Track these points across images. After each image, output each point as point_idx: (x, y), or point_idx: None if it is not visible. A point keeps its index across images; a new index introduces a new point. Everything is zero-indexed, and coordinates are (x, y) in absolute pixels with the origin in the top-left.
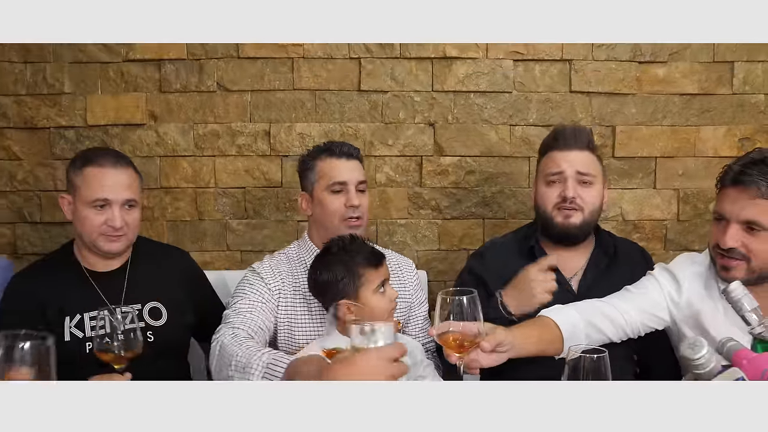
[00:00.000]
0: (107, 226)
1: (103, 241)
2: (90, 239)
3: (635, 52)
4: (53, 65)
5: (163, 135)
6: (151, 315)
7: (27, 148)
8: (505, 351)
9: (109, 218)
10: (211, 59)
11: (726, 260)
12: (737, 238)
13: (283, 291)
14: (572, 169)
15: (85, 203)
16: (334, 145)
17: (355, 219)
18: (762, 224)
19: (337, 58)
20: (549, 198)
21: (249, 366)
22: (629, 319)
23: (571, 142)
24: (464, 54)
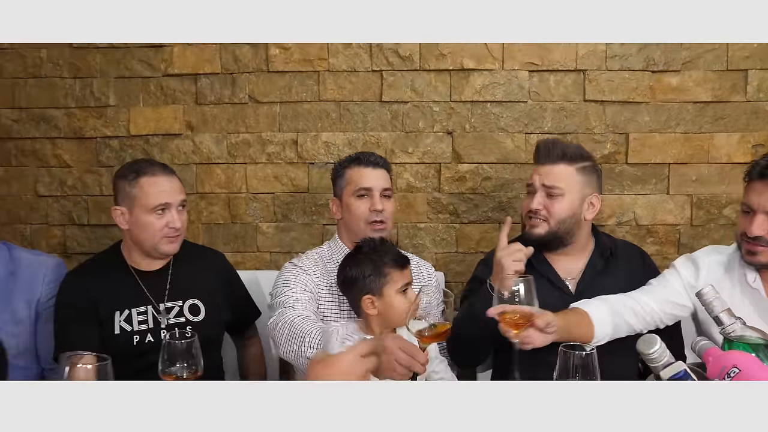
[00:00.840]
0: (168, 228)
1: (165, 244)
2: (152, 243)
3: (648, 62)
4: (99, 80)
5: (199, 144)
6: (190, 311)
7: (76, 156)
8: (552, 332)
9: (170, 221)
10: (243, 73)
11: (752, 245)
12: (764, 227)
13: (319, 285)
14: (540, 182)
15: (146, 210)
16: (362, 155)
17: (378, 223)
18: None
19: (359, 70)
20: (525, 208)
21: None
22: (649, 310)
23: (543, 157)
24: (481, 65)
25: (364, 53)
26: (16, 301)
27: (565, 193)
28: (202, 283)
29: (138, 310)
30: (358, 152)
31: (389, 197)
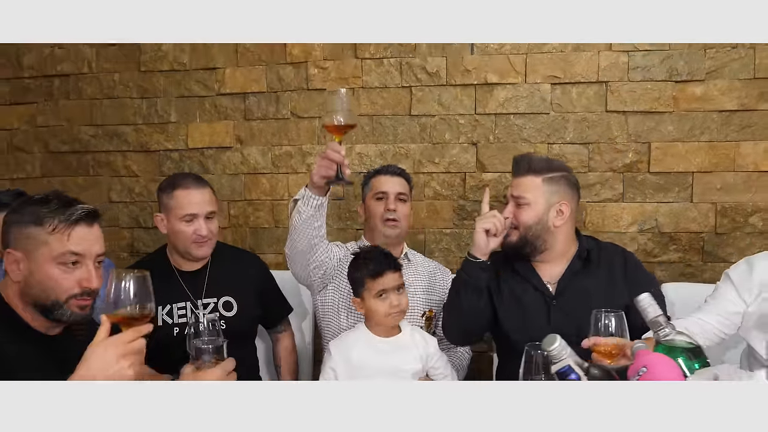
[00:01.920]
0: (196, 235)
1: (194, 248)
2: (184, 247)
3: (671, 72)
4: (162, 99)
5: (247, 156)
6: (224, 307)
7: (142, 167)
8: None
9: (197, 228)
10: (286, 91)
11: None
12: None
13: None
14: (510, 193)
15: (178, 218)
16: (385, 167)
17: (392, 221)
18: None
19: (390, 87)
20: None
21: None
22: (708, 327)
23: (515, 170)
24: (504, 80)
25: (394, 70)
26: None
27: (530, 202)
28: (236, 282)
29: (178, 305)
30: (382, 165)
31: (404, 201)
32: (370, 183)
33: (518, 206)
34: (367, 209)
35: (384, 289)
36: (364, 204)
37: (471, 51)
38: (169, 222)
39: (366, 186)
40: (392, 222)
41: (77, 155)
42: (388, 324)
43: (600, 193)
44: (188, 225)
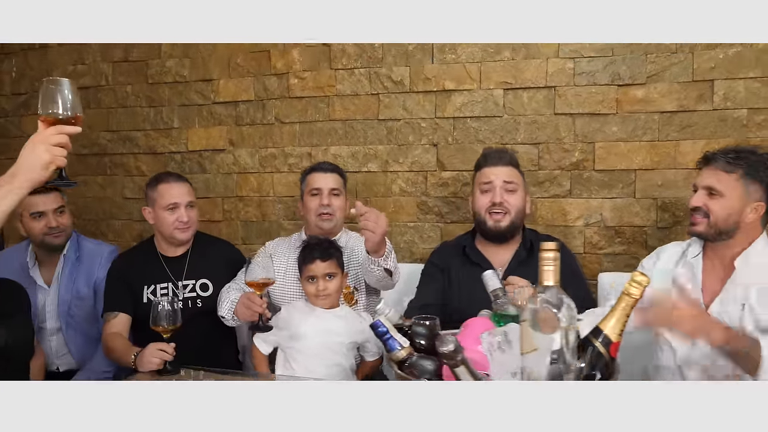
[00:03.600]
0: (178, 222)
1: (178, 233)
2: (169, 233)
3: (614, 77)
4: (167, 108)
5: (238, 157)
6: (201, 288)
7: (151, 167)
8: None
9: (179, 216)
10: (270, 99)
11: (693, 217)
12: (701, 200)
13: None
14: (499, 180)
15: (162, 208)
16: (317, 163)
17: (326, 215)
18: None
19: (361, 94)
20: (482, 204)
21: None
22: None
23: (496, 160)
24: (461, 86)
25: (364, 79)
26: (80, 282)
27: (517, 188)
28: (213, 267)
29: (161, 286)
30: (316, 163)
31: (338, 195)
32: (306, 180)
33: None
34: (304, 205)
35: (312, 275)
36: (302, 200)
37: (432, 61)
38: (154, 212)
39: (303, 183)
40: (326, 216)
41: (97, 157)
42: (317, 305)
43: (549, 190)
44: (171, 213)
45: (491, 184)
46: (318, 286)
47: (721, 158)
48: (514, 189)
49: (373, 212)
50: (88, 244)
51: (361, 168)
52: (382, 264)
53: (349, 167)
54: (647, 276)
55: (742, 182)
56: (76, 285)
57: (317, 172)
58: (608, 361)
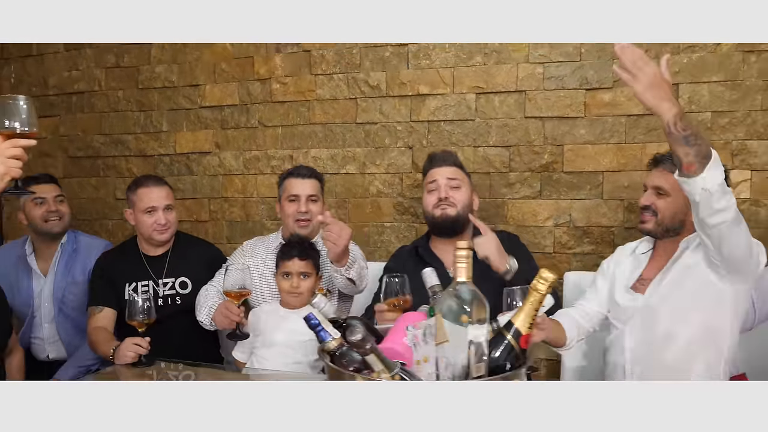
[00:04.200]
0: (157, 224)
1: (156, 234)
2: (148, 234)
3: (582, 81)
4: (156, 112)
5: (223, 159)
6: (180, 286)
7: (141, 169)
8: (544, 329)
9: (157, 219)
10: (254, 104)
11: (642, 215)
12: (650, 199)
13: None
14: (443, 178)
15: (141, 211)
16: (295, 168)
17: (303, 221)
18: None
19: (340, 99)
20: (430, 201)
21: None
22: (590, 311)
23: (440, 162)
24: (435, 91)
25: (343, 84)
26: (76, 271)
27: (461, 185)
28: (192, 266)
29: (142, 283)
30: (295, 166)
31: (315, 201)
32: (284, 185)
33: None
34: (282, 209)
35: (288, 271)
36: (280, 204)
37: (407, 66)
38: (135, 215)
39: (281, 187)
40: (303, 222)
41: (90, 160)
42: (288, 302)
43: (520, 191)
44: (150, 216)
45: (436, 183)
46: (292, 283)
47: (669, 160)
48: (458, 185)
49: (336, 224)
50: (85, 238)
51: (339, 170)
52: (344, 274)
53: (329, 169)
54: (553, 274)
55: None
56: (72, 272)
57: (295, 178)
58: (518, 353)
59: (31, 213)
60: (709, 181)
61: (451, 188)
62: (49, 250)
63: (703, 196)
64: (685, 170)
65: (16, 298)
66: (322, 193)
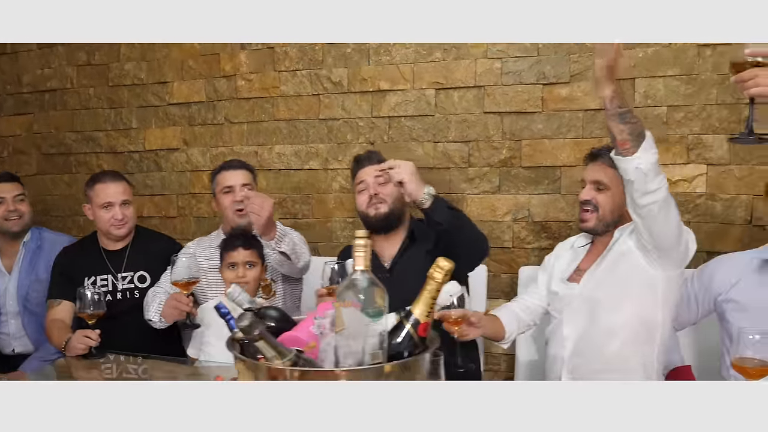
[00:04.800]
0: (114, 219)
1: (113, 229)
2: (105, 229)
3: (539, 76)
4: (126, 109)
5: (191, 156)
6: (139, 280)
7: (111, 165)
8: (480, 327)
9: (114, 214)
10: (221, 101)
11: (582, 212)
12: (590, 194)
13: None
14: (370, 177)
15: (98, 206)
16: (226, 162)
17: (240, 210)
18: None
19: (303, 95)
20: (362, 201)
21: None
22: (531, 305)
23: (366, 162)
24: (395, 87)
25: (306, 81)
26: (40, 268)
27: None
28: (151, 260)
29: (101, 277)
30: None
31: (250, 190)
32: (216, 179)
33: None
34: (218, 203)
35: (233, 262)
36: (215, 198)
37: (368, 62)
38: (93, 210)
39: (213, 183)
40: (241, 212)
41: (63, 156)
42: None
43: (479, 186)
44: (107, 211)
45: (365, 182)
46: (238, 273)
47: (606, 153)
48: (386, 181)
49: (258, 197)
50: (49, 234)
51: (303, 166)
52: (276, 247)
53: (293, 165)
54: (450, 262)
55: None
56: (35, 270)
57: (227, 171)
58: (416, 341)
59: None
60: (644, 161)
61: (379, 184)
62: (13, 248)
63: (637, 175)
64: (620, 147)
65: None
66: (255, 183)
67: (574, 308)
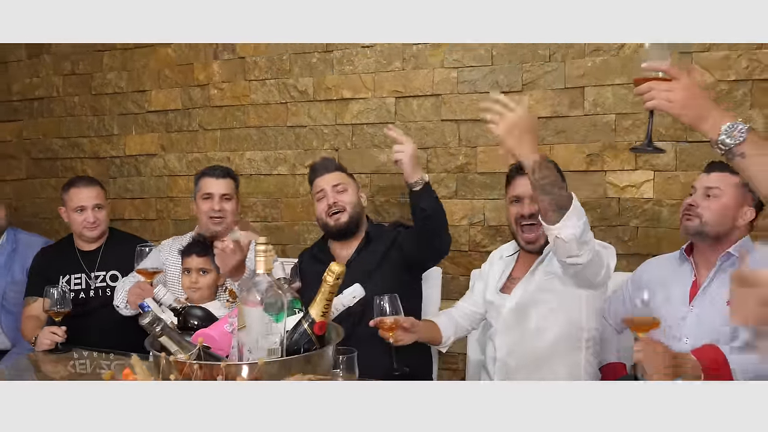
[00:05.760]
0: (86, 222)
1: (86, 231)
2: (79, 231)
3: (493, 85)
4: (108, 117)
5: (168, 161)
6: (111, 279)
7: (95, 171)
8: (415, 332)
9: (86, 217)
10: (195, 108)
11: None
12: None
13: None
14: (329, 186)
15: (71, 210)
16: (210, 168)
17: (216, 218)
18: None
19: (272, 103)
20: (321, 210)
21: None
22: (468, 311)
23: (323, 170)
24: (357, 95)
25: (275, 89)
26: (15, 269)
27: (347, 188)
28: (123, 259)
29: (76, 276)
30: (209, 166)
31: (229, 200)
32: (199, 183)
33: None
34: (197, 206)
35: (188, 267)
36: (195, 201)
37: (332, 72)
38: (67, 212)
39: (196, 186)
40: (217, 219)
41: (50, 161)
42: (189, 296)
43: (437, 191)
44: (80, 214)
45: (323, 191)
46: (191, 278)
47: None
48: (344, 189)
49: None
50: (23, 236)
51: (272, 171)
52: None
53: (262, 170)
54: (341, 266)
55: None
56: (11, 272)
57: (209, 177)
58: (312, 338)
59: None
60: (564, 232)
61: (337, 193)
62: None
63: (558, 243)
64: (542, 215)
65: None
66: (237, 192)
67: (505, 318)
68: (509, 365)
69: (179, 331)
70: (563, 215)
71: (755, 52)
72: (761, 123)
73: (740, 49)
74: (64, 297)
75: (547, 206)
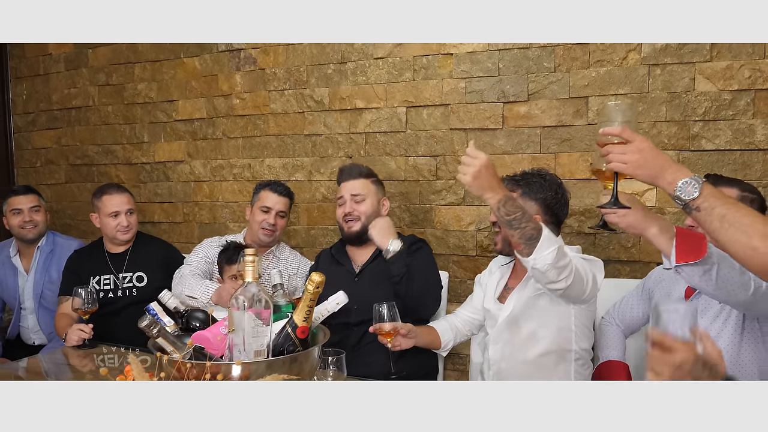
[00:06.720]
0: (120, 226)
1: (120, 235)
2: (111, 235)
3: (500, 95)
4: (139, 125)
5: (194, 167)
6: (137, 280)
7: (127, 176)
8: (413, 337)
9: (120, 222)
10: (219, 117)
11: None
12: None
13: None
14: (348, 194)
15: (105, 215)
16: (274, 183)
17: (268, 231)
18: None
19: (290, 112)
20: (339, 215)
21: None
22: (467, 318)
23: (347, 176)
24: (370, 105)
25: (293, 99)
26: (52, 270)
27: (366, 198)
28: (148, 261)
29: (105, 277)
30: (273, 180)
31: (283, 217)
32: (260, 194)
33: (356, 202)
34: (252, 214)
35: (235, 274)
36: (251, 207)
37: (346, 82)
38: (100, 218)
39: (256, 195)
40: (268, 231)
41: (87, 167)
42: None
43: (446, 198)
44: (114, 219)
45: (343, 198)
46: (234, 285)
47: (507, 180)
48: (362, 199)
49: None
50: (60, 239)
51: (290, 177)
52: None
53: (281, 177)
54: (321, 276)
55: (522, 199)
56: (48, 271)
57: (272, 192)
58: (294, 341)
59: (10, 222)
60: (539, 262)
61: (355, 203)
62: (30, 251)
63: (535, 272)
64: (515, 249)
65: (4, 293)
66: (290, 210)
67: (499, 326)
68: (502, 372)
69: (179, 333)
70: (535, 246)
71: (758, 62)
72: (763, 133)
73: (743, 59)
74: (91, 296)
75: (517, 240)
